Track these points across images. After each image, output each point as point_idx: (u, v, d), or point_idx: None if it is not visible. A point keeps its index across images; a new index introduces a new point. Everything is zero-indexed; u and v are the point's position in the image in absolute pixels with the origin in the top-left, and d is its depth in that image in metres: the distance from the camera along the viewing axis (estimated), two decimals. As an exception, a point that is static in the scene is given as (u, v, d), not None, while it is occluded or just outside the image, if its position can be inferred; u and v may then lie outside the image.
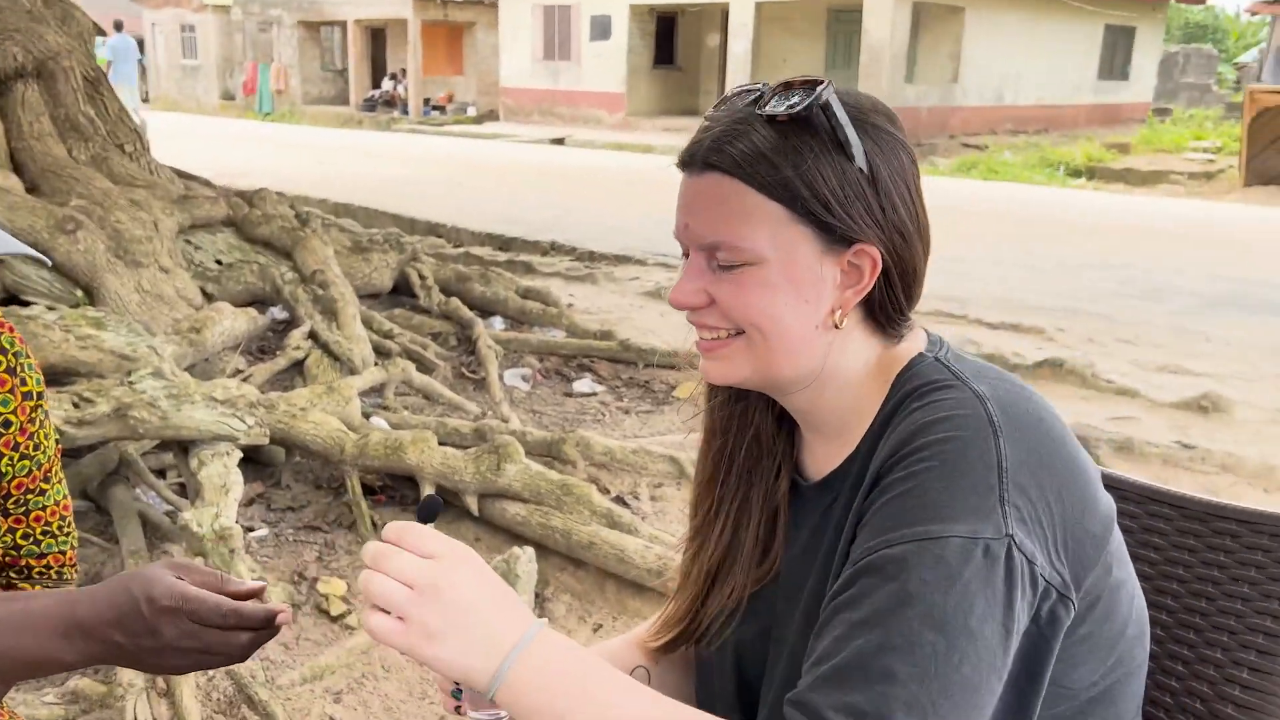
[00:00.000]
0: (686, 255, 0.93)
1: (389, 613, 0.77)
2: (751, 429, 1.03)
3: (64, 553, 1.22)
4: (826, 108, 0.85)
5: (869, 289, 0.89)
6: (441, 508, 0.86)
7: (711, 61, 22.96)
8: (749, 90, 0.91)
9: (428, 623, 0.76)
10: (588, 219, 10.15)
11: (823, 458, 0.98)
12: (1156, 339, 6.06)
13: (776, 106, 0.86)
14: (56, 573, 1.22)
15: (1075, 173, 16.42)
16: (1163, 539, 1.21)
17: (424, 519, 0.85)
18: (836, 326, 0.90)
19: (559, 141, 20.76)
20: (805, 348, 0.90)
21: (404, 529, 0.79)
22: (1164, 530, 1.21)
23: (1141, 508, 1.22)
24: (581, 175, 14.76)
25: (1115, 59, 23.64)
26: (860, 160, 0.86)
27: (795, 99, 0.85)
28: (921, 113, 19.36)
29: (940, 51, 20.16)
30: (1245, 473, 3.74)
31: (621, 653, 1.13)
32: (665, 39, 23.39)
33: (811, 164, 0.85)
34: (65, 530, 1.22)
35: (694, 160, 0.90)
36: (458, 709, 1.01)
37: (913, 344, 0.94)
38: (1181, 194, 14.69)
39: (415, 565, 0.77)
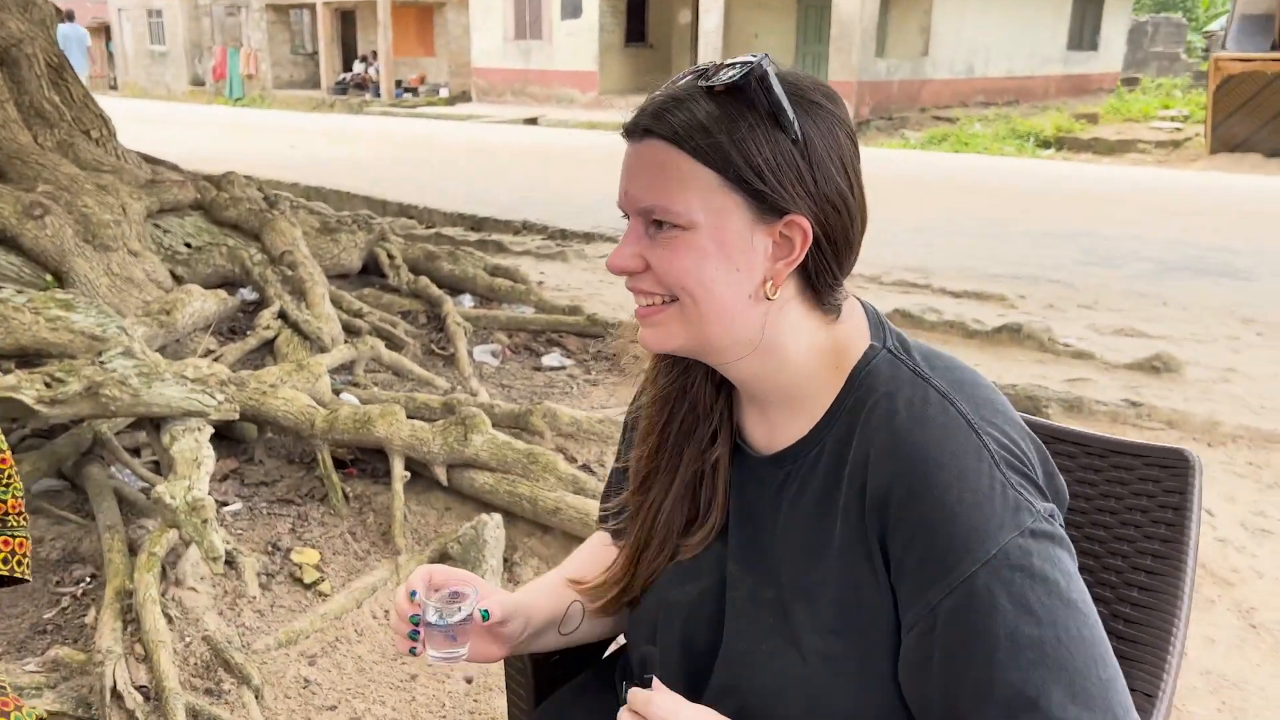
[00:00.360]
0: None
1: None
2: (689, 397, 1.06)
3: (4, 501, 1.30)
4: (762, 80, 0.88)
5: (800, 260, 0.91)
6: (656, 657, 0.98)
7: (683, 39, 22.90)
8: (694, 69, 0.95)
9: None
10: (560, 198, 10.17)
11: (769, 432, 1.01)
12: (1114, 304, 6.17)
13: (716, 80, 0.89)
14: (0, 519, 1.30)
15: (1044, 143, 16.56)
16: (1068, 475, 1.29)
17: (644, 672, 0.94)
18: (769, 298, 0.92)
19: (532, 121, 20.73)
20: (738, 316, 0.92)
21: (648, 702, 0.89)
22: (1069, 467, 1.30)
23: (1050, 448, 1.31)
24: (554, 154, 14.75)
25: (1084, 29, 23.72)
26: (795, 133, 0.88)
27: (734, 72, 0.89)
28: (893, 86, 19.46)
29: (910, 25, 20.20)
30: (1191, 429, 3.84)
31: (558, 589, 1.19)
32: (637, 17, 23.29)
33: (745, 134, 0.87)
34: (4, 482, 1.30)
35: (636, 128, 0.93)
36: (412, 650, 1.08)
37: (856, 326, 0.98)
38: (1148, 163, 14.87)
39: None
